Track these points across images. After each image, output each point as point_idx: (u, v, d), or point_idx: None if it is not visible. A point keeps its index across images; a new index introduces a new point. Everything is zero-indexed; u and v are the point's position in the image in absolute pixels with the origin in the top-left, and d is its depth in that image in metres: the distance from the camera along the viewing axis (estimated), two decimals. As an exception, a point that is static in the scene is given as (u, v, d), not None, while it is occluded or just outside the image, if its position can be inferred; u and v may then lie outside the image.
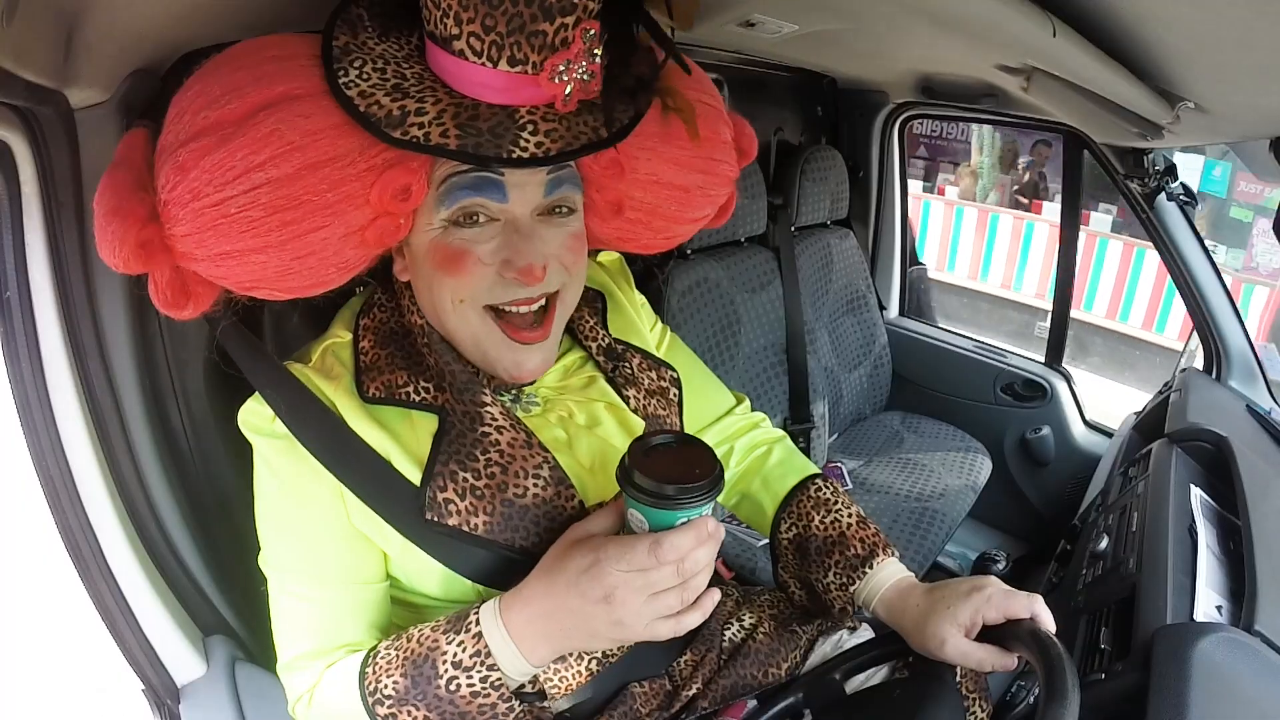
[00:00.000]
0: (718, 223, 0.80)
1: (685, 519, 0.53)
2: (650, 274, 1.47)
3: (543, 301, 0.64)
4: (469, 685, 0.56)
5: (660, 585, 0.53)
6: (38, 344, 0.70)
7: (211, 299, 0.60)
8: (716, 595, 0.57)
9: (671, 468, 0.53)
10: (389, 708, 0.58)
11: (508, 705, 0.57)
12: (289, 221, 0.54)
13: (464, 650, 0.56)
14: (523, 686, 0.65)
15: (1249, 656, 0.73)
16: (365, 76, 0.55)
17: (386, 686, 0.58)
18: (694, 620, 0.56)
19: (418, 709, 0.57)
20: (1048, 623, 0.62)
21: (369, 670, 0.59)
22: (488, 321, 0.63)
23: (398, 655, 0.59)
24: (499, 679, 0.56)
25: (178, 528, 0.82)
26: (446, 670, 0.56)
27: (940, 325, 2.24)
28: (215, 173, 0.52)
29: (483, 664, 0.56)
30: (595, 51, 0.56)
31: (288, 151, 0.53)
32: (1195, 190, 1.51)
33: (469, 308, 0.62)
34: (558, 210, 0.63)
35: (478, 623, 0.57)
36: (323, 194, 0.54)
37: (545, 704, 0.65)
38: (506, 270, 0.60)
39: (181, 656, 0.79)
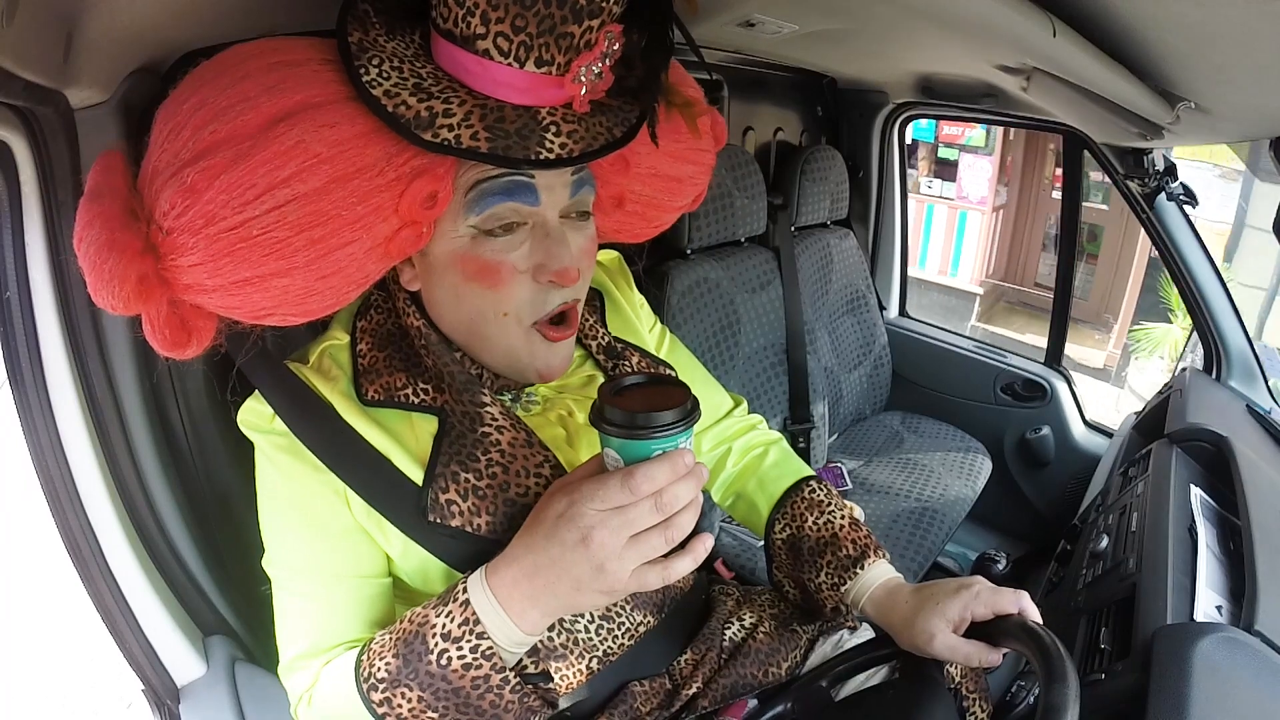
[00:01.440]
0: (692, 208, 0.82)
1: (660, 450, 0.51)
2: (647, 273, 1.47)
3: (566, 308, 0.64)
4: (459, 657, 0.53)
5: (640, 523, 0.49)
6: (38, 344, 0.70)
7: (212, 333, 0.56)
8: (709, 541, 0.54)
9: (643, 402, 0.52)
10: (383, 692, 0.55)
11: (502, 677, 0.54)
12: (317, 239, 0.51)
13: (452, 620, 0.54)
14: (524, 666, 0.64)
15: (1249, 656, 0.73)
16: (385, 75, 0.54)
17: (379, 670, 0.56)
18: (684, 566, 0.52)
19: (411, 689, 0.54)
20: (1034, 617, 0.63)
21: (364, 658, 0.58)
22: (530, 331, 0.62)
23: (390, 638, 0.57)
24: (490, 648, 0.53)
25: (178, 528, 0.82)
26: (436, 644, 0.53)
27: (941, 326, 2.24)
28: (234, 193, 0.48)
29: (472, 633, 0.53)
30: (607, 53, 0.56)
31: (314, 164, 0.50)
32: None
33: (513, 322, 0.61)
34: (579, 214, 0.63)
35: (464, 590, 0.54)
36: (352, 207, 0.52)
37: (550, 685, 0.64)
38: (541, 274, 0.60)
39: (181, 656, 0.80)
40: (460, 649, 0.53)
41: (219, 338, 0.57)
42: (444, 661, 0.53)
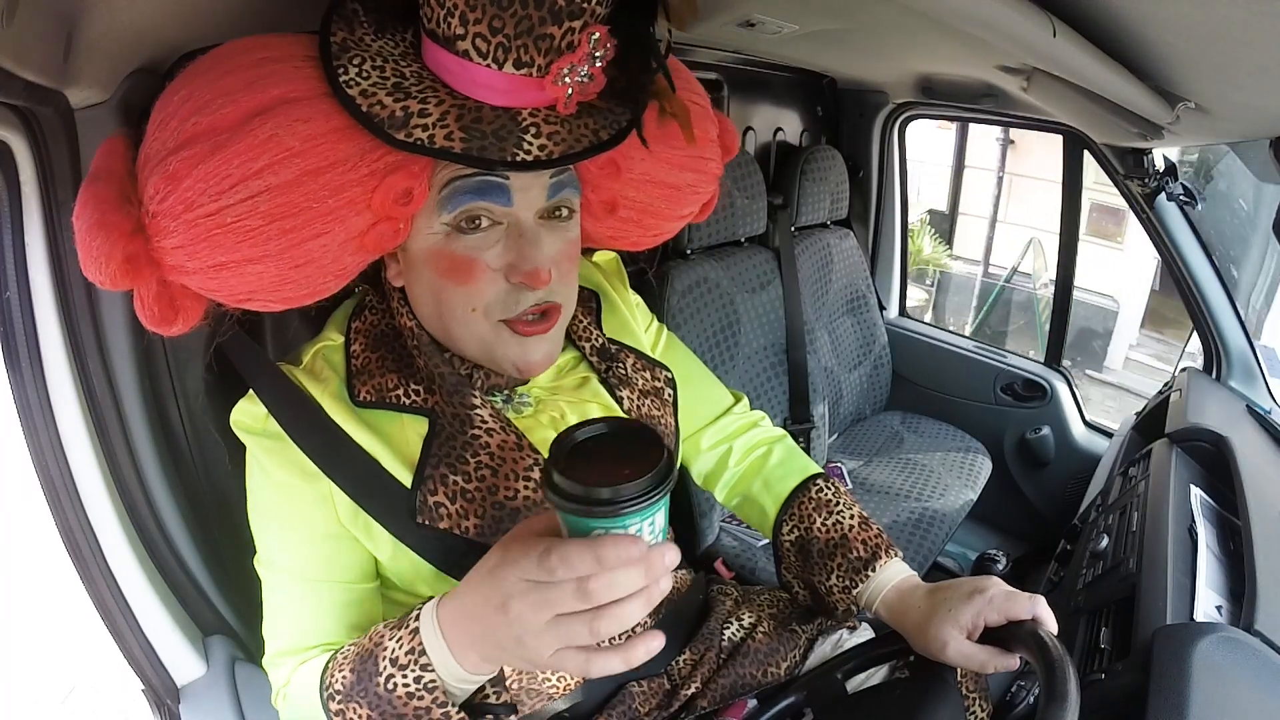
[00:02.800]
0: (700, 218, 0.81)
1: (601, 530, 0.43)
2: (645, 274, 1.47)
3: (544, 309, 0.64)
4: (404, 685, 0.52)
5: (559, 605, 0.43)
6: (38, 344, 0.70)
7: (200, 313, 0.58)
8: (654, 644, 0.46)
9: (601, 465, 0.44)
10: (339, 703, 0.56)
11: (443, 713, 0.53)
12: (288, 230, 0.53)
13: (401, 647, 0.53)
14: (486, 697, 0.63)
15: (1249, 656, 0.73)
16: (365, 75, 0.54)
17: (337, 681, 0.56)
18: (610, 665, 0.45)
19: (361, 706, 0.54)
20: (1049, 624, 0.62)
21: (330, 665, 0.59)
22: (498, 325, 0.62)
23: (353, 650, 0.57)
24: (433, 681, 0.51)
25: (178, 528, 0.82)
26: (385, 668, 0.53)
27: (940, 326, 2.24)
28: (210, 181, 0.50)
29: (416, 663, 0.52)
30: (596, 55, 0.56)
31: (287, 158, 0.51)
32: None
33: (480, 317, 0.61)
34: (558, 214, 0.63)
35: (416, 618, 0.53)
36: (324, 200, 0.53)
37: (514, 718, 0.63)
38: (513, 274, 0.60)
39: (181, 656, 0.79)
40: (405, 677, 0.52)
41: (207, 318, 0.59)
42: (390, 686, 0.53)
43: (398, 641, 0.53)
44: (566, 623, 0.43)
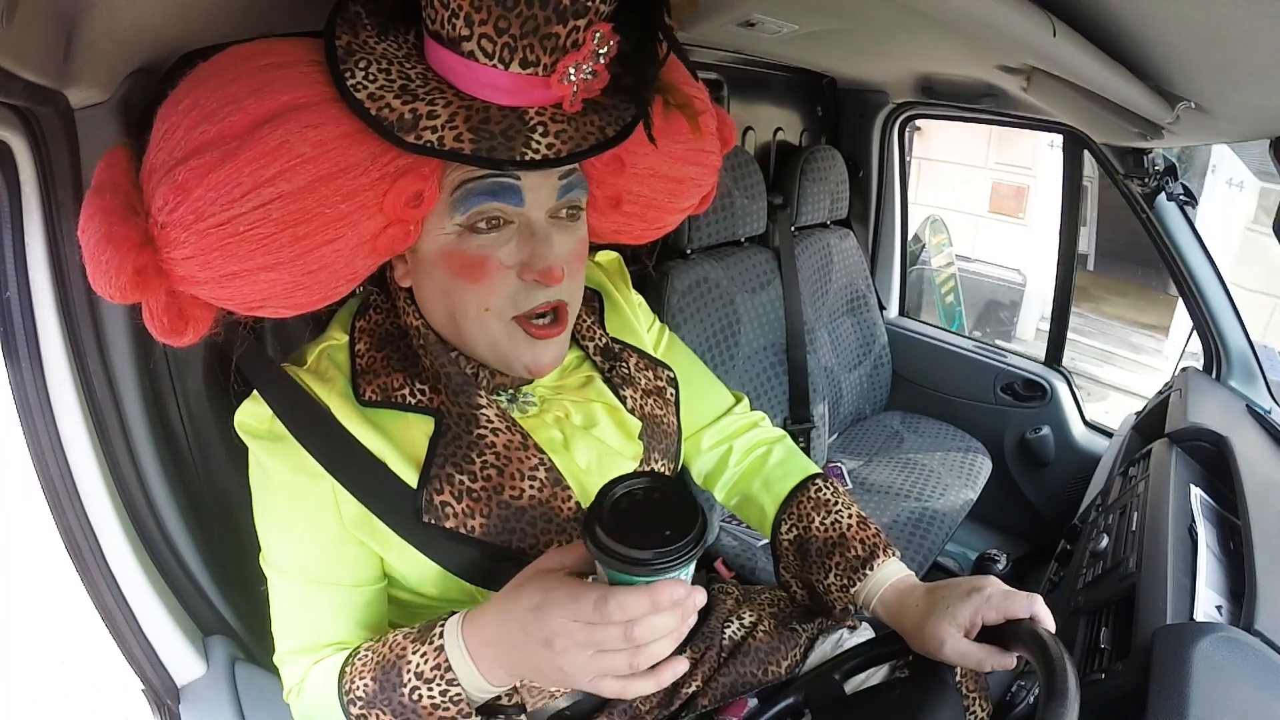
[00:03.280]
0: (700, 210, 0.81)
1: (646, 582, 0.48)
2: (648, 274, 1.47)
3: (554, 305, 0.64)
4: (429, 697, 0.55)
5: (605, 644, 0.48)
6: (38, 344, 0.70)
7: (210, 322, 0.57)
8: (680, 667, 0.52)
9: (641, 523, 0.49)
10: (360, 709, 0.58)
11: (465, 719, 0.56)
12: (301, 236, 0.52)
13: (426, 662, 0.55)
14: (498, 699, 0.64)
15: (1249, 656, 0.73)
16: (372, 78, 0.54)
17: (358, 688, 0.58)
18: (644, 688, 0.51)
19: (384, 713, 0.57)
20: (1048, 622, 0.62)
21: (347, 669, 0.60)
22: (511, 325, 0.62)
23: (372, 658, 0.59)
24: (459, 694, 0.55)
25: (178, 528, 0.82)
26: (410, 680, 0.55)
27: (941, 326, 2.24)
28: (221, 191, 0.50)
29: (442, 678, 0.55)
30: (600, 51, 0.56)
31: (298, 164, 0.51)
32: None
33: (494, 317, 0.61)
34: (569, 213, 0.63)
35: (441, 635, 0.56)
36: (336, 205, 0.53)
37: (523, 717, 0.65)
38: (526, 273, 0.60)
39: (181, 656, 0.80)
40: (431, 690, 0.55)
41: (216, 327, 0.58)
42: (415, 697, 0.55)
43: (422, 656, 0.56)
44: (609, 658, 0.49)
